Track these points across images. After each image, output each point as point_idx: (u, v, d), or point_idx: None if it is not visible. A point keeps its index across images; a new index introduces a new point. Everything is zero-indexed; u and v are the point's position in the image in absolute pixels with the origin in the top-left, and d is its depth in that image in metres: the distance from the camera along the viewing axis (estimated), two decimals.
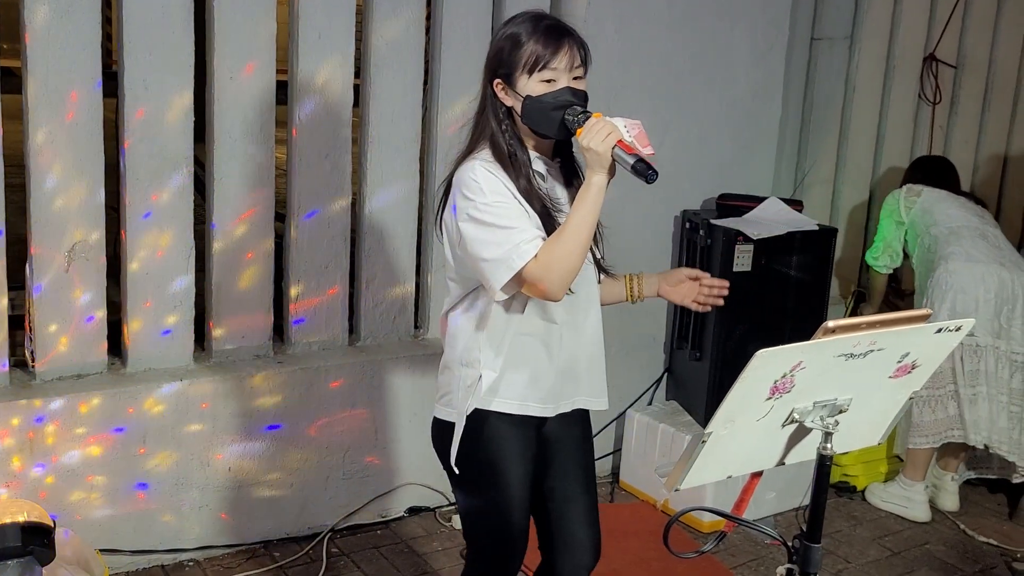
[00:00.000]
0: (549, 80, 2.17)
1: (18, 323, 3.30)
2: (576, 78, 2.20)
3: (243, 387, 3.45)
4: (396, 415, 3.77)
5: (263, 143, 3.44)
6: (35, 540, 2.66)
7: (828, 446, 1.89)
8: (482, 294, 2.24)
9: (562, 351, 2.29)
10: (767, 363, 1.74)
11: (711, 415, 1.79)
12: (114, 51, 3.25)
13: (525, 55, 2.17)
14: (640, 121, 2.14)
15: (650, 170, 2.04)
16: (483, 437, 2.27)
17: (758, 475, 2.02)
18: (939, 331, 1.89)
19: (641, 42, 4.03)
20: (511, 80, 2.20)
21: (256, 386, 3.47)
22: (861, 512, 4.18)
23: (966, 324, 1.91)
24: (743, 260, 4.01)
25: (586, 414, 2.43)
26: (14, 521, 2.65)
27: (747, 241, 3.99)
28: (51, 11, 3.01)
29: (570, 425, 2.39)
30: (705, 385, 4.13)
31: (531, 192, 2.20)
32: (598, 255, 2.36)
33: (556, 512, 2.40)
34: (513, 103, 2.21)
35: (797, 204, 4.34)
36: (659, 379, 4.40)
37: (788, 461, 2.00)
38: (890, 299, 4.74)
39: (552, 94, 2.17)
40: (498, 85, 2.23)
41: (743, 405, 1.80)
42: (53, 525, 2.74)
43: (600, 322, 2.38)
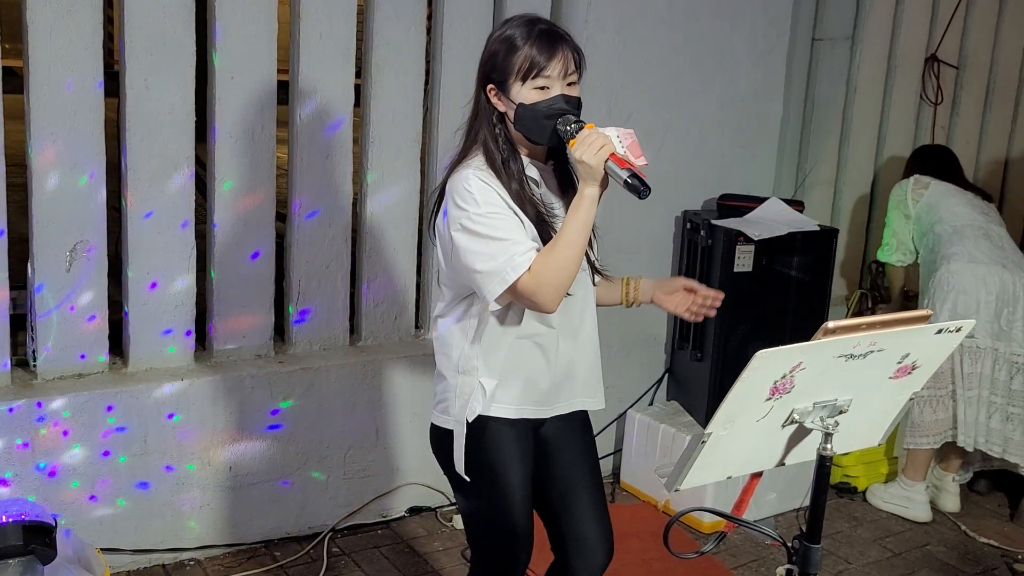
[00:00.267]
0: (542, 87, 2.15)
1: (19, 322, 3.31)
2: (570, 84, 2.18)
3: (244, 387, 3.45)
4: (397, 415, 3.77)
5: (264, 143, 3.44)
6: (36, 539, 2.66)
7: (828, 447, 1.89)
8: (476, 300, 2.22)
9: (559, 355, 2.29)
10: (767, 363, 1.74)
11: (712, 415, 1.79)
12: (115, 51, 3.26)
13: (518, 62, 2.14)
14: (633, 131, 2.12)
15: (643, 186, 2.03)
16: (482, 440, 2.27)
17: (758, 476, 2.02)
18: (939, 332, 1.89)
19: (642, 42, 4.03)
20: (504, 87, 2.18)
21: (257, 386, 3.47)
22: (862, 513, 4.18)
23: (966, 325, 1.91)
24: (744, 260, 4.01)
25: (585, 413, 2.43)
26: (15, 520, 2.65)
27: (748, 241, 3.99)
28: (53, 11, 3.02)
29: (569, 424, 2.39)
30: (706, 385, 4.13)
31: (524, 198, 2.18)
32: (593, 258, 2.35)
33: (563, 510, 2.38)
34: (506, 109, 2.19)
35: (798, 204, 4.34)
36: (660, 379, 4.40)
37: (788, 462, 2.01)
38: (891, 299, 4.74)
39: (545, 102, 2.14)
40: (491, 91, 2.21)
41: (743, 405, 1.80)
42: (54, 524, 2.74)
43: (596, 324, 2.38)
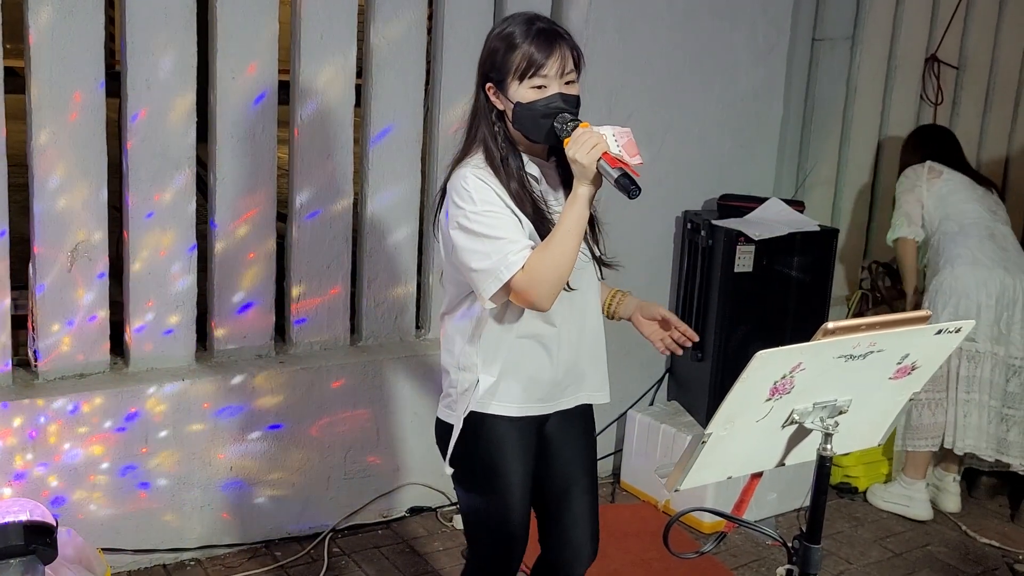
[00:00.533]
0: (540, 86, 2.16)
1: (21, 323, 3.31)
2: (568, 83, 2.18)
3: (245, 387, 3.45)
4: (397, 415, 3.77)
5: (265, 143, 3.44)
6: (37, 539, 2.66)
7: (828, 447, 1.89)
8: (477, 299, 2.24)
9: (563, 351, 2.30)
10: (767, 364, 1.74)
11: (712, 416, 1.80)
12: (117, 51, 3.27)
13: (516, 60, 2.15)
14: (630, 129, 2.12)
15: (633, 185, 2.03)
16: (482, 438, 2.28)
17: (758, 476, 2.03)
18: (939, 333, 1.90)
19: (642, 42, 4.04)
20: (503, 85, 2.19)
21: (258, 386, 3.48)
22: (863, 513, 4.18)
23: (966, 326, 1.92)
24: (744, 261, 4.02)
25: (589, 409, 2.44)
26: (17, 520, 2.66)
27: (748, 242, 3.99)
28: (55, 11, 3.02)
29: (572, 421, 2.40)
30: (706, 386, 4.13)
31: (523, 196, 2.19)
32: (598, 252, 2.36)
33: (555, 508, 2.41)
34: (505, 107, 2.21)
35: (798, 205, 4.34)
36: (660, 379, 4.40)
37: (788, 462, 2.01)
38: (892, 300, 4.74)
39: (543, 101, 2.15)
40: (490, 89, 2.22)
41: (743, 406, 1.80)
42: (55, 524, 2.74)
43: (601, 318, 2.40)
